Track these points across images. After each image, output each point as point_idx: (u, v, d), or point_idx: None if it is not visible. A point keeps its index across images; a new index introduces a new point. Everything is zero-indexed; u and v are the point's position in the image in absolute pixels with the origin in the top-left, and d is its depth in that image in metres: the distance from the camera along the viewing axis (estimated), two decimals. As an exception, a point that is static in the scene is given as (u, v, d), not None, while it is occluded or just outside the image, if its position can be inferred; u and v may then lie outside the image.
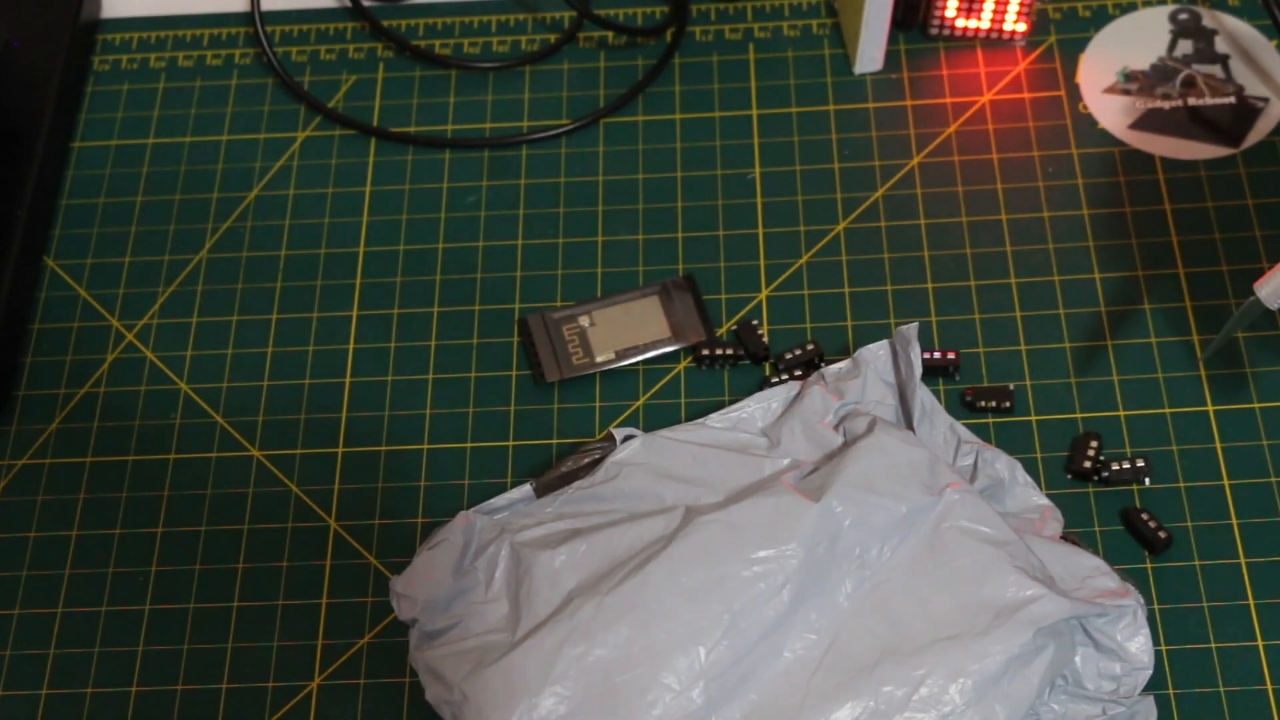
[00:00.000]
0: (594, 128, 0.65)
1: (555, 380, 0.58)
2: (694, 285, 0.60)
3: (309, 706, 0.53)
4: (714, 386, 0.58)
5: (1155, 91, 0.64)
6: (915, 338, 0.54)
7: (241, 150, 0.66)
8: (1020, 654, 0.46)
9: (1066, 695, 0.48)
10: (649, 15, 0.69)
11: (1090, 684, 0.49)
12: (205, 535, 0.56)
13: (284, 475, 0.57)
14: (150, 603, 0.55)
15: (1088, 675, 0.49)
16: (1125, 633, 0.49)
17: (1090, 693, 0.48)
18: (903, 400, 0.54)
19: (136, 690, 0.53)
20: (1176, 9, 0.66)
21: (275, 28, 0.70)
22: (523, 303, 0.61)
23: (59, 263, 0.64)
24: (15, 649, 0.55)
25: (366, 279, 0.62)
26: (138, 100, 0.68)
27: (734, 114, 0.65)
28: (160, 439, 0.59)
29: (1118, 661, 0.49)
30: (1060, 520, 0.52)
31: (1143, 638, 0.49)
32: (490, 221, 0.63)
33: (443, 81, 0.68)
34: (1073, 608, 0.47)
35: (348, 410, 0.59)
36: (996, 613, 0.47)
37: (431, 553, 0.50)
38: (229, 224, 0.64)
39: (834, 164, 0.63)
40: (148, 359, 0.61)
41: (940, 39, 0.66)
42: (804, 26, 0.68)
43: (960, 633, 0.47)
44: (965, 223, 0.61)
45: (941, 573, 0.48)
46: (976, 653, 0.46)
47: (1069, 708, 0.48)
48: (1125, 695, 0.49)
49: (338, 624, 0.54)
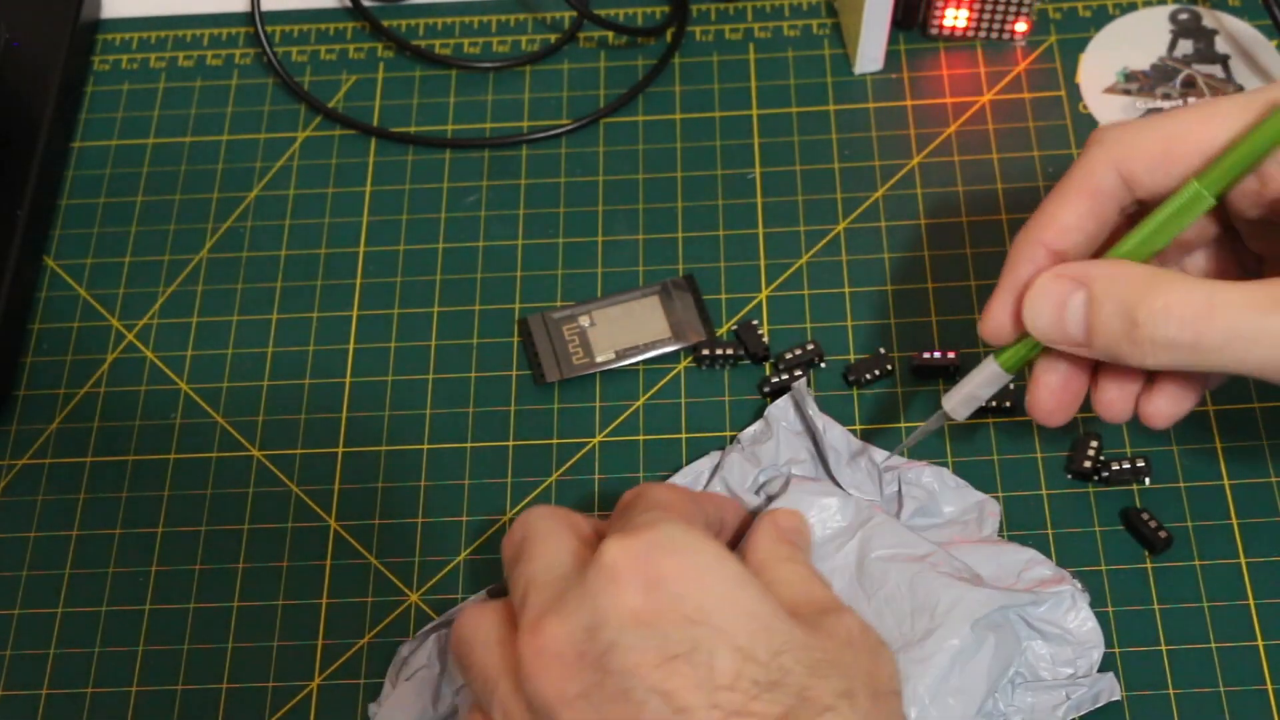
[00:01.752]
0: (594, 128, 0.65)
1: (555, 380, 0.58)
2: (694, 285, 0.60)
3: (309, 706, 0.53)
4: (714, 386, 0.58)
5: (1155, 91, 0.64)
6: (809, 395, 0.54)
7: (241, 150, 0.66)
8: (962, 648, 0.47)
9: (1027, 689, 0.49)
10: (649, 15, 0.69)
11: (1047, 673, 0.49)
12: (205, 535, 0.56)
13: (284, 475, 0.57)
14: (150, 603, 0.55)
15: (1042, 665, 0.49)
16: (1068, 617, 0.50)
17: (1049, 682, 0.49)
18: (818, 450, 0.54)
19: (136, 690, 0.53)
20: (1176, 9, 0.66)
21: (275, 28, 0.70)
22: (523, 303, 0.61)
23: (59, 263, 0.64)
24: (15, 649, 0.55)
25: (366, 279, 0.62)
26: (138, 100, 0.68)
27: (734, 114, 0.65)
28: (160, 439, 0.59)
29: (1068, 645, 0.50)
30: (998, 510, 0.53)
31: (1085, 616, 0.50)
32: (490, 221, 0.63)
33: (443, 81, 0.68)
34: (1004, 597, 0.48)
35: (348, 410, 0.59)
36: (930, 615, 0.48)
37: (410, 684, 0.50)
38: (229, 224, 0.64)
39: (834, 164, 0.63)
40: (148, 359, 0.61)
41: (940, 39, 0.66)
42: (804, 26, 0.68)
43: (903, 645, 0.47)
44: (965, 223, 0.61)
45: (874, 602, 0.49)
46: (920, 657, 0.47)
47: (1034, 700, 0.49)
48: (1084, 676, 0.49)
49: (338, 624, 0.54)
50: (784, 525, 0.46)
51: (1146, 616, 0.52)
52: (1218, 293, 0.42)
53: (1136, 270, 0.43)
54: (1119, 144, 0.44)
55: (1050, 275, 0.44)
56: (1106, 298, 0.43)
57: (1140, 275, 0.43)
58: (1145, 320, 0.42)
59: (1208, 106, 0.44)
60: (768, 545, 0.45)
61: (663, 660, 0.38)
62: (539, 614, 0.40)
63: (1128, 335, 0.43)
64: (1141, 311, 0.42)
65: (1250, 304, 0.41)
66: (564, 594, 0.40)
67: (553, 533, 0.43)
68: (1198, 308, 0.41)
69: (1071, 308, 0.44)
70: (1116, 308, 0.43)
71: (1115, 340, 0.43)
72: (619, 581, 0.39)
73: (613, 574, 0.39)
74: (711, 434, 0.57)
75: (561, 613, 0.39)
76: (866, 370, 0.57)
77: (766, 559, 0.44)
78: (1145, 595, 0.52)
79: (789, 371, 0.57)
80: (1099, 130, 0.45)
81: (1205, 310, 0.41)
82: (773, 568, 0.44)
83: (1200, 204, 0.43)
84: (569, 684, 0.38)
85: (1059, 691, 0.49)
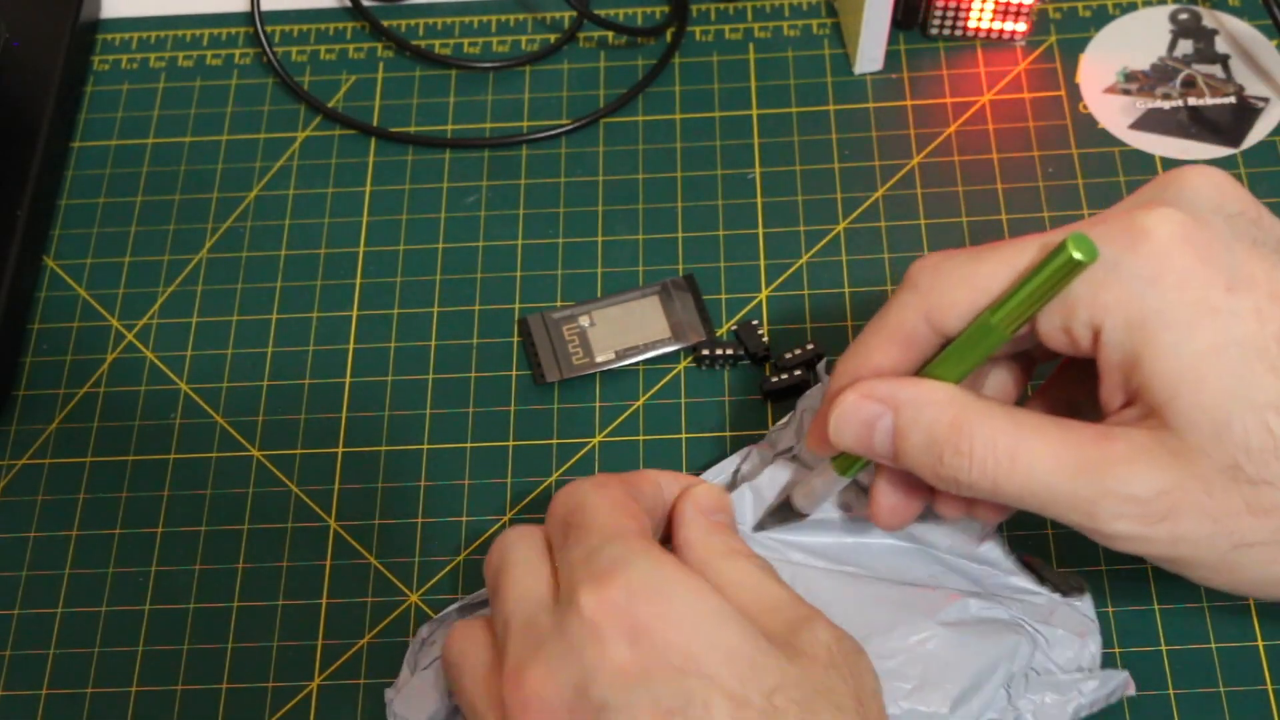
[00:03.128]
0: (594, 128, 0.65)
1: (555, 380, 0.58)
2: (694, 285, 0.60)
3: (309, 706, 0.53)
4: (714, 386, 0.58)
5: (1155, 91, 0.64)
6: (824, 372, 0.55)
7: (241, 150, 0.66)
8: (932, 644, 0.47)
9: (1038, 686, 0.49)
10: (649, 15, 0.69)
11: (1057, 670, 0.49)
12: (205, 535, 0.56)
13: (284, 475, 0.57)
14: (150, 603, 0.55)
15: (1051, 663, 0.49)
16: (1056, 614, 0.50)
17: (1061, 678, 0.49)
18: None
19: (136, 690, 0.53)
20: (1176, 9, 0.66)
21: (275, 28, 0.70)
22: (523, 303, 0.61)
23: (59, 263, 0.64)
24: (15, 649, 0.55)
25: (366, 279, 0.62)
26: (138, 100, 0.68)
27: (734, 114, 0.65)
28: (160, 439, 0.59)
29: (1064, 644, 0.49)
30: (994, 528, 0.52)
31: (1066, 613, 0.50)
32: (490, 221, 0.63)
33: (443, 81, 0.68)
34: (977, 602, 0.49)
35: (348, 410, 0.59)
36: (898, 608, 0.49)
37: (427, 673, 0.50)
38: (229, 224, 0.64)
39: (834, 164, 0.63)
40: (148, 359, 0.61)
41: (940, 39, 0.66)
42: (804, 26, 0.68)
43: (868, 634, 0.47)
44: (965, 223, 0.61)
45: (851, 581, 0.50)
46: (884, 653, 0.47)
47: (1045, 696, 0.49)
48: (1088, 666, 0.49)
49: (338, 624, 0.54)
50: (705, 506, 0.46)
51: (1146, 616, 0.52)
52: (1023, 441, 0.41)
53: (945, 399, 0.42)
54: (930, 293, 0.43)
55: (857, 394, 0.44)
56: (913, 428, 0.43)
57: (949, 407, 0.42)
58: (949, 461, 0.42)
59: (1011, 249, 0.42)
60: (701, 539, 0.45)
61: (660, 717, 0.38)
62: (520, 662, 0.40)
63: (932, 469, 0.43)
64: (947, 452, 0.42)
65: (1053, 465, 0.41)
66: (544, 643, 0.40)
67: (525, 560, 0.43)
68: (999, 458, 0.41)
69: (879, 430, 0.43)
70: (922, 439, 0.42)
71: (919, 468, 0.43)
72: (603, 637, 0.39)
73: (594, 629, 0.39)
74: (711, 434, 0.57)
75: (547, 665, 0.40)
76: (866, 370, 0.57)
77: (707, 557, 0.44)
78: (1145, 595, 0.52)
79: (789, 371, 0.57)
80: (913, 270, 0.44)
81: (1007, 463, 0.41)
82: (717, 567, 0.44)
83: (992, 336, 0.42)
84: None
85: (1070, 688, 0.49)
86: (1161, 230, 0.40)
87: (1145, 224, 0.40)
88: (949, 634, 0.48)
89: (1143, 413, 0.41)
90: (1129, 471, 0.40)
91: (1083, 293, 0.41)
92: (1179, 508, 0.40)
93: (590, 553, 0.41)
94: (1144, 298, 0.40)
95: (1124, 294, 0.40)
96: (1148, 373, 0.40)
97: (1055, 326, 0.42)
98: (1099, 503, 0.40)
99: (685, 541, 0.45)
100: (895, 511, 0.47)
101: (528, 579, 0.43)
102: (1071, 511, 0.41)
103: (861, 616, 0.47)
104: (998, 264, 0.42)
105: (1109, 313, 0.40)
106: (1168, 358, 0.40)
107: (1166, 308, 0.40)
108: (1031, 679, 0.49)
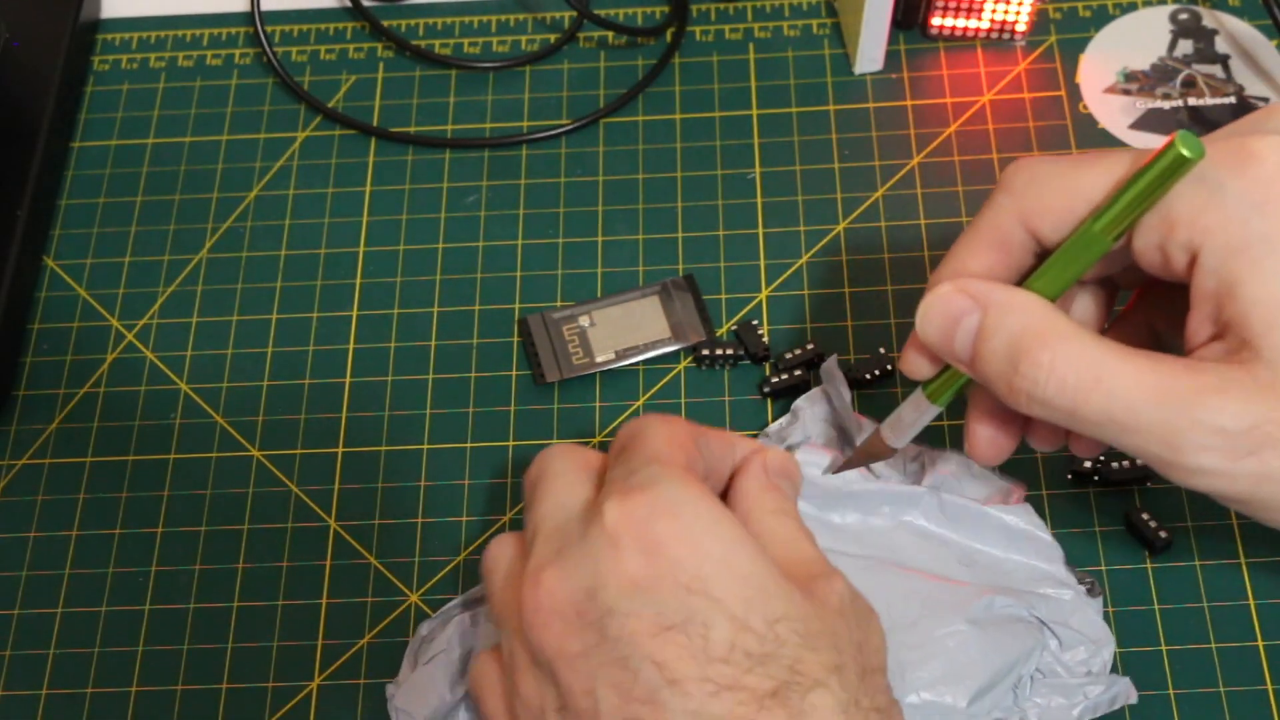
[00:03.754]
0: (594, 128, 0.65)
1: (555, 380, 0.58)
2: (694, 285, 0.60)
3: (309, 706, 0.53)
4: (714, 386, 0.58)
5: (1155, 91, 0.64)
6: (838, 372, 0.54)
7: (241, 150, 0.66)
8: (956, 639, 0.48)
9: (1045, 688, 0.49)
10: (649, 15, 0.69)
11: (1064, 672, 0.49)
12: (205, 535, 0.56)
13: (284, 475, 0.57)
14: (150, 603, 0.55)
15: (1060, 664, 0.49)
16: (1074, 617, 0.50)
17: (1067, 681, 0.49)
18: (842, 432, 0.54)
19: (136, 690, 0.53)
20: (1176, 9, 0.66)
21: (275, 28, 0.70)
22: (523, 303, 0.61)
23: (59, 263, 0.64)
24: (15, 649, 0.55)
25: (366, 279, 0.62)
26: (138, 100, 0.68)
27: (734, 114, 0.65)
28: (160, 439, 0.59)
29: (1080, 646, 0.49)
30: (1023, 495, 0.53)
31: (1092, 615, 0.50)
32: (490, 221, 0.63)
33: (443, 81, 0.68)
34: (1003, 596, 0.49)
35: (348, 410, 0.59)
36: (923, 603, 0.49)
37: (429, 667, 0.50)
38: (229, 224, 0.64)
39: (834, 164, 0.63)
40: (148, 359, 0.61)
41: (940, 39, 0.66)
42: (804, 26, 0.68)
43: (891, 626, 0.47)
44: (965, 223, 0.61)
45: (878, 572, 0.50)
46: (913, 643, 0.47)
47: (1051, 699, 0.49)
48: (1098, 672, 0.49)
49: (338, 624, 0.54)
50: (772, 467, 0.45)
51: (1147, 617, 0.52)
52: (1108, 364, 0.39)
53: (1036, 310, 0.41)
54: (1025, 197, 0.42)
55: (951, 287, 0.42)
56: (997, 331, 0.41)
57: (1037, 317, 0.41)
58: (1026, 372, 0.40)
59: (1110, 158, 0.41)
60: (755, 493, 0.44)
61: (659, 630, 0.38)
62: (541, 564, 0.40)
63: (1006, 379, 0.41)
64: (1025, 362, 0.40)
65: (1139, 390, 0.39)
66: (566, 548, 0.40)
67: (564, 474, 0.43)
68: (1083, 377, 0.40)
69: (963, 328, 0.42)
70: (1004, 345, 0.41)
71: (994, 377, 0.42)
72: (619, 546, 0.39)
73: (613, 537, 0.39)
74: (711, 434, 0.57)
75: (563, 568, 0.40)
76: (866, 370, 0.57)
77: (753, 508, 0.44)
78: (1145, 595, 0.52)
79: (789, 371, 0.57)
80: (1008, 173, 0.43)
81: (1090, 382, 0.39)
82: (759, 519, 0.43)
83: (1095, 246, 0.41)
84: (569, 642, 0.39)
85: (1077, 692, 0.49)
86: (1274, 156, 0.38)
87: (1255, 148, 0.39)
88: (973, 631, 0.48)
89: (1232, 347, 0.39)
90: (1220, 402, 0.38)
91: (1184, 212, 0.39)
92: (1267, 444, 0.38)
93: (629, 471, 0.41)
94: (1248, 222, 0.38)
95: (1227, 217, 0.38)
96: (1245, 300, 0.38)
97: (1152, 244, 0.40)
98: (1185, 433, 0.38)
99: (739, 489, 0.45)
100: (993, 443, 0.46)
101: (562, 492, 0.43)
102: (1153, 442, 0.39)
103: (890, 609, 0.47)
104: (1099, 172, 0.41)
105: (1210, 235, 0.39)
106: (1268, 285, 0.38)
107: (1272, 233, 0.38)
108: (1037, 680, 0.49)
